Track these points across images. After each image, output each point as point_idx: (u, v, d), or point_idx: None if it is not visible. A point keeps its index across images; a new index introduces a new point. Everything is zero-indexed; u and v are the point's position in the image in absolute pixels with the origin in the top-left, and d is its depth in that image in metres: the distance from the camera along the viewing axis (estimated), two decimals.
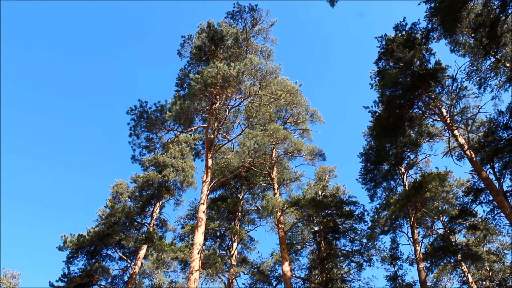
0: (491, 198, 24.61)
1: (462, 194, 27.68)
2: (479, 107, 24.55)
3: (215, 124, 23.85)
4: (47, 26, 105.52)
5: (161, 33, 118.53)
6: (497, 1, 19.13)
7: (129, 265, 30.16)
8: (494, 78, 25.66)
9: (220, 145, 25.10)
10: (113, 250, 30.04)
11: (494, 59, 24.19)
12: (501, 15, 19.12)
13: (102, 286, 28.49)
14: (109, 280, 29.54)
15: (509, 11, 18.95)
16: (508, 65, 23.21)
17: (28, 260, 78.14)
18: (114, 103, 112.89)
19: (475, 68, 25.66)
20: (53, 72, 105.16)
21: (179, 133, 23.38)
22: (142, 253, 30.12)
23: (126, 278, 30.47)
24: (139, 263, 29.76)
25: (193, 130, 25.09)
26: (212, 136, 23.37)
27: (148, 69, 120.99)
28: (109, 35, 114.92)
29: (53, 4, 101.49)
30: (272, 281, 30.79)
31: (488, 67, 25.33)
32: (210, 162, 22.12)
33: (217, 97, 21.26)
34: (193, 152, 35.26)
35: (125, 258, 30.03)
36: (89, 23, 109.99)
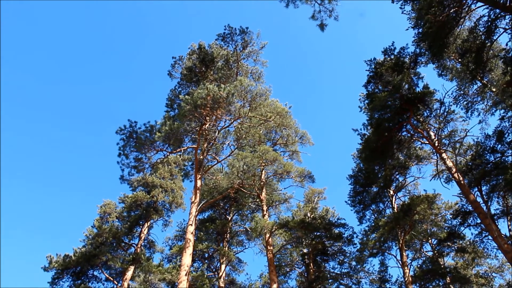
0: (479, 221, 24.70)
1: (451, 217, 27.75)
2: (467, 130, 24.89)
3: (205, 145, 23.87)
4: (35, 42, 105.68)
5: (152, 53, 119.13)
6: (483, 28, 19.53)
7: (115, 286, 29.71)
8: (481, 102, 26.11)
9: (210, 166, 25.10)
10: (100, 271, 29.62)
11: (481, 84, 24.62)
12: (487, 41, 19.51)
13: None
14: None
15: (494, 38, 19.35)
16: (494, 90, 23.63)
17: (12, 281, 76.62)
18: (103, 122, 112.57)
19: (462, 92, 26.10)
20: (38, 91, 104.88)
21: (168, 153, 23.36)
22: (129, 274, 29.69)
23: None
24: (125, 284, 29.32)
25: (182, 151, 25.06)
26: (201, 157, 23.36)
27: (138, 89, 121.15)
28: (99, 54, 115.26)
29: (39, 23, 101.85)
30: None
31: (475, 91, 25.77)
32: (199, 183, 22.07)
33: (207, 118, 21.35)
34: (182, 173, 35.18)
35: (111, 279, 29.60)
36: (79, 40, 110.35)
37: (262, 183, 29.16)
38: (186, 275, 18.40)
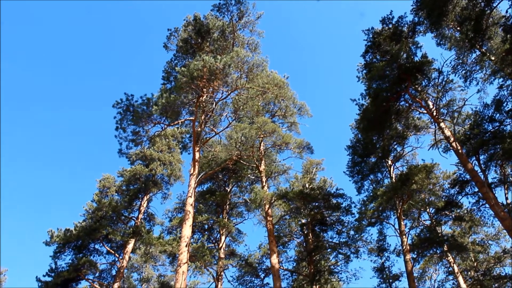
0: (476, 189, 24.87)
1: (448, 186, 27.90)
2: (465, 100, 24.74)
3: (202, 117, 23.76)
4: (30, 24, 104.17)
5: (147, 26, 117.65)
6: None
7: (116, 259, 30.04)
8: (480, 71, 25.91)
9: (207, 138, 25.03)
10: (101, 244, 29.88)
11: (480, 53, 24.37)
12: (486, 9, 19.25)
13: (89, 281, 28.38)
14: (97, 274, 29.41)
15: (494, 5, 19.08)
16: (493, 58, 23.39)
17: (15, 256, 77.53)
18: (100, 97, 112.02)
19: (460, 61, 25.86)
20: (34, 67, 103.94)
21: (166, 126, 23.28)
22: (130, 247, 30.01)
23: (114, 272, 30.34)
24: (127, 257, 29.66)
25: (180, 123, 24.96)
26: (199, 129, 23.29)
27: (134, 62, 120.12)
28: (95, 27, 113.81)
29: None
30: (260, 273, 30.87)
31: (473, 60, 25.53)
32: (197, 155, 22.07)
33: (203, 90, 21.18)
34: (180, 146, 35.11)
35: (112, 252, 29.90)
36: (74, 17, 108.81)
37: (260, 154, 29.17)
38: (186, 246, 18.57)
